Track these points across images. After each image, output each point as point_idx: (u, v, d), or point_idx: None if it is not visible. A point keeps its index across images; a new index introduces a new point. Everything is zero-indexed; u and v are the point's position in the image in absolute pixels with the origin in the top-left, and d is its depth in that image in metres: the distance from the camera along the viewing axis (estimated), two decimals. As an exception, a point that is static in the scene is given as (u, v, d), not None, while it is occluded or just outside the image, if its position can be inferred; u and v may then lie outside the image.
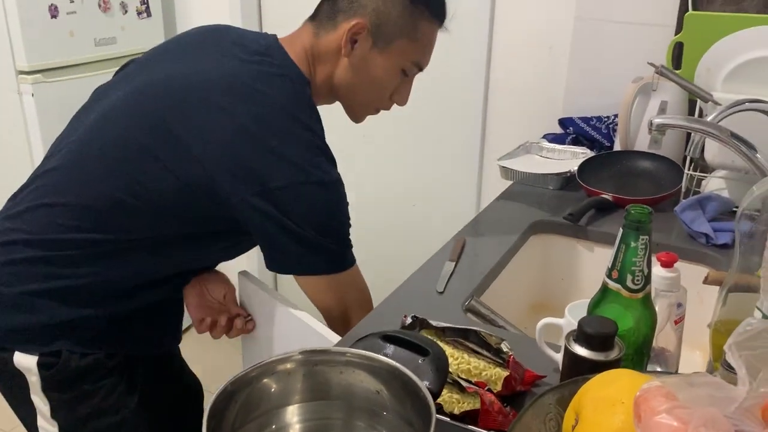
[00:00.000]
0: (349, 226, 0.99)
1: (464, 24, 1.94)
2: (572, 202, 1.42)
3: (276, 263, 0.95)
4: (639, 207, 0.70)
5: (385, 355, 0.62)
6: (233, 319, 1.09)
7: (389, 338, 0.64)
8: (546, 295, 1.39)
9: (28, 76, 1.92)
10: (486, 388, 0.74)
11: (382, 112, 1.12)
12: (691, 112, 1.58)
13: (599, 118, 1.73)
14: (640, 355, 0.73)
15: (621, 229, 0.71)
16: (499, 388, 0.75)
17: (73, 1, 1.97)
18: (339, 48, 0.99)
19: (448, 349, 0.76)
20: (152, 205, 0.91)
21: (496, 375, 0.76)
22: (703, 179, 1.46)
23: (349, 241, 1.00)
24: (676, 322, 0.82)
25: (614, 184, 1.46)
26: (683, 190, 1.42)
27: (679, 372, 0.85)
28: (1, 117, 2.01)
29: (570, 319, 0.84)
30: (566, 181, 1.53)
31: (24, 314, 0.96)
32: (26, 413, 1.02)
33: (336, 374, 0.62)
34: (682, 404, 0.46)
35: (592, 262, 1.35)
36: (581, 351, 0.67)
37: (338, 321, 1.01)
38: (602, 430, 0.53)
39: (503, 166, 1.56)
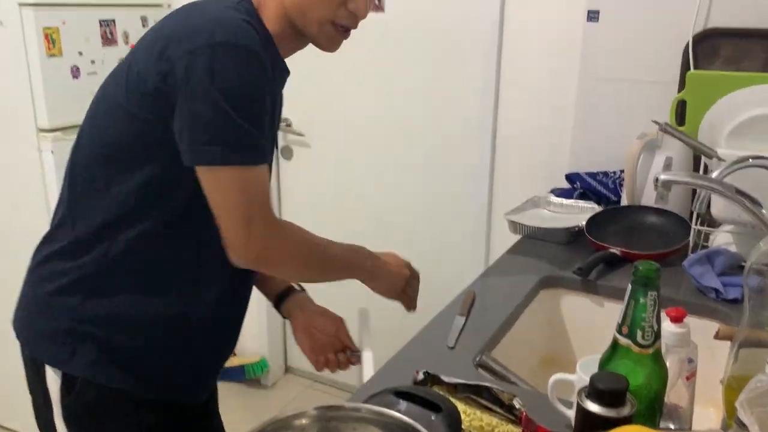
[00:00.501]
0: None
1: (471, 81, 2.00)
2: (581, 257, 1.43)
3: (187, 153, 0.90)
4: (647, 263, 0.71)
5: (398, 411, 0.63)
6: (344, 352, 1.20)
7: (402, 394, 0.65)
8: (556, 350, 1.38)
9: (48, 134, 1.97)
10: None
11: (385, 172, 1.21)
12: (696, 167, 1.61)
13: (605, 173, 1.76)
14: (652, 411, 0.73)
15: (630, 285, 0.72)
16: None
17: (93, 62, 2.04)
18: None
19: (461, 406, 0.76)
20: (127, 152, 0.95)
21: (506, 429, 0.76)
22: (710, 233, 1.48)
23: (254, 136, 0.91)
24: (687, 378, 0.82)
25: (622, 239, 1.47)
26: (691, 244, 1.44)
27: (692, 429, 0.85)
28: (21, 173, 2.06)
29: (582, 375, 0.84)
30: (575, 235, 1.54)
31: (45, 317, 1.00)
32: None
33: (349, 430, 0.63)
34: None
35: (601, 317, 1.35)
36: (593, 407, 0.67)
37: (240, 225, 0.92)
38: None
39: (512, 221, 1.58)
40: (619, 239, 1.47)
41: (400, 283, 1.14)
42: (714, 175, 1.07)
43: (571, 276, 1.36)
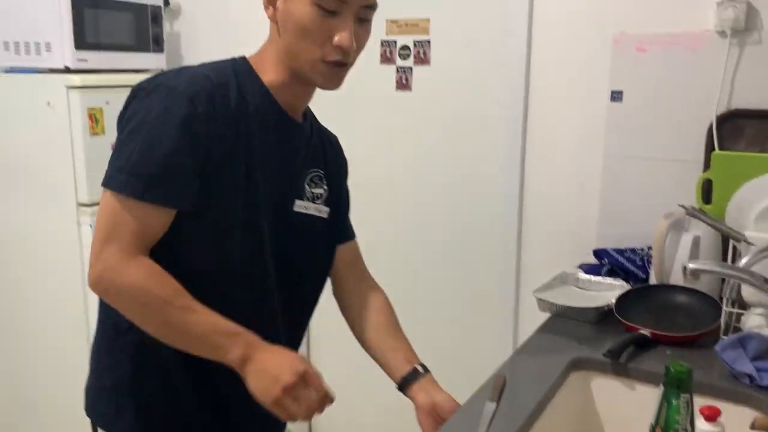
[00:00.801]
0: (162, 159, 0.95)
1: (496, 159, 2.04)
2: (611, 337, 1.43)
3: None
4: (678, 365, 0.72)
5: None
6: None
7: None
8: (589, 436, 1.36)
9: (87, 208, 2.05)
10: None
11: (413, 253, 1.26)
12: (725, 247, 1.61)
13: (633, 250, 1.77)
14: None
15: (662, 386, 0.73)
16: None
17: (133, 140, 2.13)
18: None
19: None
20: None
21: None
22: (742, 314, 1.47)
23: (144, 169, 0.95)
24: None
25: (652, 318, 1.47)
26: (722, 326, 1.42)
27: None
28: (59, 244, 2.13)
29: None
30: (604, 314, 1.54)
31: (91, 377, 1.14)
32: None
33: None
34: None
35: (633, 401, 1.33)
36: None
37: (96, 244, 0.97)
38: None
39: (540, 299, 1.59)
40: (649, 319, 1.46)
41: (272, 391, 0.93)
42: (742, 262, 1.08)
43: (601, 358, 1.36)
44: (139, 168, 0.94)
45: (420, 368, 1.17)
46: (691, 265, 1.04)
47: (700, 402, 1.28)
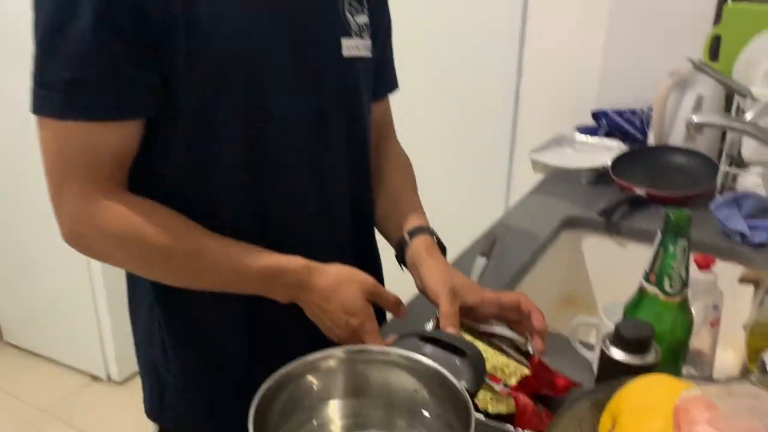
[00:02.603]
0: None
1: (496, 17, 1.93)
2: (605, 197, 1.42)
3: None
4: (679, 212, 0.70)
5: (423, 354, 0.63)
6: None
7: (427, 338, 0.65)
8: (577, 292, 1.39)
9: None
10: (502, 383, 0.74)
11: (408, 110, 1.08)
12: (728, 106, 1.56)
13: (633, 112, 1.72)
14: (676, 358, 0.74)
15: (659, 233, 0.71)
16: (513, 382, 0.75)
17: None
18: None
19: (480, 346, 0.77)
20: None
21: (514, 368, 0.76)
22: (738, 175, 1.45)
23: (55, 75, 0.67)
24: (712, 325, 0.82)
25: (648, 179, 1.45)
26: (719, 186, 1.41)
27: (713, 374, 0.85)
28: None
29: (605, 320, 0.84)
30: (599, 175, 1.52)
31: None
32: None
33: (375, 372, 0.63)
34: (722, 415, 0.47)
35: (624, 259, 1.34)
36: (617, 354, 0.68)
37: (52, 194, 0.73)
38: (640, 436, 0.54)
39: (535, 160, 1.56)
40: (644, 180, 1.44)
41: (330, 335, 0.78)
42: (748, 117, 1.04)
43: (594, 217, 1.35)
44: (55, 78, 0.67)
45: (407, 236, 0.89)
46: (695, 119, 1.00)
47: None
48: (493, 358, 0.77)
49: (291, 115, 0.79)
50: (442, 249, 0.89)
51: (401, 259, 0.89)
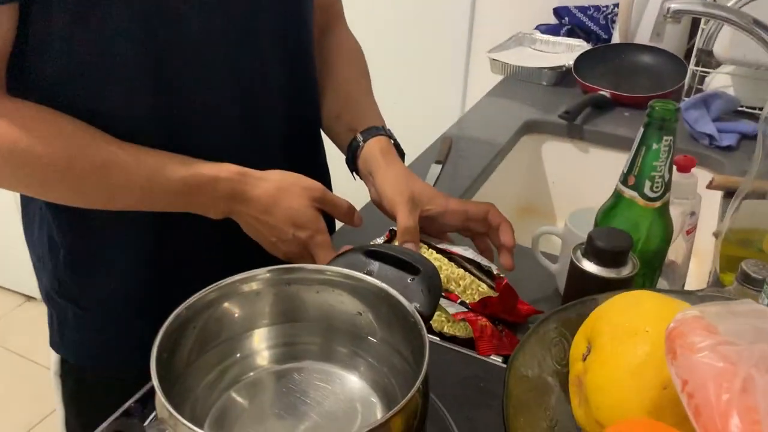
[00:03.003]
0: None
1: None
2: (567, 99, 1.32)
3: None
4: (664, 102, 0.60)
5: (369, 273, 0.54)
6: None
7: (374, 254, 0.55)
8: (536, 200, 1.31)
9: None
10: (458, 301, 0.66)
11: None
12: (698, 2, 1.45)
13: (597, 8, 1.60)
14: (652, 270, 0.66)
15: (642, 129, 0.61)
16: (470, 299, 0.67)
17: None
18: None
19: (435, 260, 0.68)
20: None
21: (470, 281, 0.68)
22: (706, 76, 1.36)
23: None
24: (687, 233, 0.75)
25: (612, 80, 1.35)
26: (686, 86, 1.32)
27: (684, 287, 0.79)
28: None
29: (571, 228, 0.76)
30: (561, 76, 1.41)
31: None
32: None
33: (312, 294, 0.53)
34: (726, 340, 0.39)
35: (586, 165, 1.26)
36: (590, 267, 0.59)
37: None
38: (622, 363, 0.46)
39: (494, 59, 1.44)
40: (609, 81, 1.35)
41: (275, 251, 0.69)
42: (730, 3, 0.94)
43: (555, 120, 1.26)
44: None
45: (360, 138, 0.77)
46: (673, 5, 0.89)
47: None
48: (447, 268, 0.68)
49: None
50: (400, 153, 0.78)
51: (353, 165, 0.78)
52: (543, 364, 0.53)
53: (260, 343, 0.52)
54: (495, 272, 0.68)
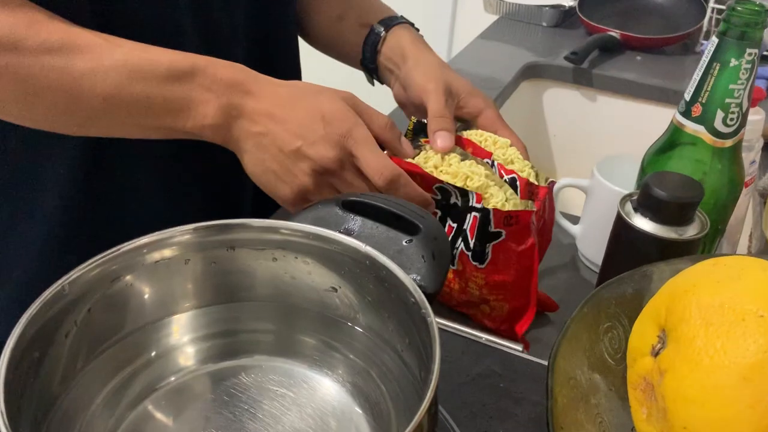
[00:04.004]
0: None
1: None
2: (570, 42, 1.16)
3: None
4: (750, 4, 0.44)
5: (348, 232, 0.38)
6: None
7: (354, 206, 0.39)
8: (539, 153, 1.15)
9: None
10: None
11: None
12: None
13: (601, -57, 1.43)
14: (714, 229, 0.51)
15: (715, 40, 0.46)
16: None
17: None
18: None
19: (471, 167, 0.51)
20: None
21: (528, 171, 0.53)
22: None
23: None
24: (746, 185, 0.60)
25: (620, 21, 1.19)
26: (704, 28, 1.17)
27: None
28: None
29: (600, 179, 0.60)
30: (563, 16, 1.25)
31: None
32: None
33: (266, 262, 0.37)
34: None
35: (594, 114, 1.11)
36: (645, 224, 0.44)
37: None
38: (726, 362, 0.31)
39: (488, -5, 1.27)
40: (617, 22, 1.19)
41: (291, 182, 0.47)
42: None
43: (558, 64, 1.10)
44: None
45: (380, 28, 0.64)
46: None
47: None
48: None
49: None
50: None
51: (372, 63, 0.64)
52: (592, 359, 0.38)
53: (185, 334, 0.36)
54: (532, 179, 0.52)
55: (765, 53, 1.11)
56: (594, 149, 1.09)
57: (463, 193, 0.48)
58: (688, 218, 0.44)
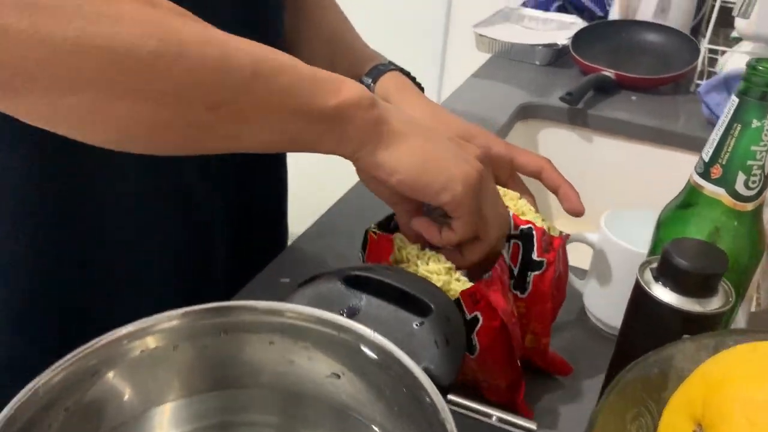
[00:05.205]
0: None
1: None
2: (565, 81, 1.16)
3: None
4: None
5: (353, 312, 0.34)
6: None
7: (359, 281, 0.36)
8: (536, 197, 1.13)
9: None
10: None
11: None
12: (706, -26, 1.30)
13: (592, -19, 1.43)
14: (735, 297, 0.48)
15: (735, 99, 0.43)
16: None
17: None
18: None
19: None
20: None
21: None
22: (716, 56, 1.21)
23: None
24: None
25: (614, 60, 1.18)
26: (699, 67, 1.16)
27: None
28: None
29: (609, 235, 0.58)
30: (556, 55, 1.24)
31: None
32: None
33: (262, 347, 0.34)
34: None
35: (590, 155, 1.09)
36: (666, 296, 0.41)
37: None
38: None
39: (481, 35, 1.25)
40: (610, 61, 1.18)
41: (462, 156, 0.44)
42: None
43: (554, 104, 1.08)
44: None
45: (367, 79, 0.62)
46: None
47: (680, 157, 1.06)
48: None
49: None
50: (419, 89, 0.63)
51: None
52: (620, 453, 0.35)
53: (174, 428, 0.33)
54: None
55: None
56: (592, 193, 1.06)
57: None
58: (712, 289, 0.41)
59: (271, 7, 0.61)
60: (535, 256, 0.47)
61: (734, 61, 1.17)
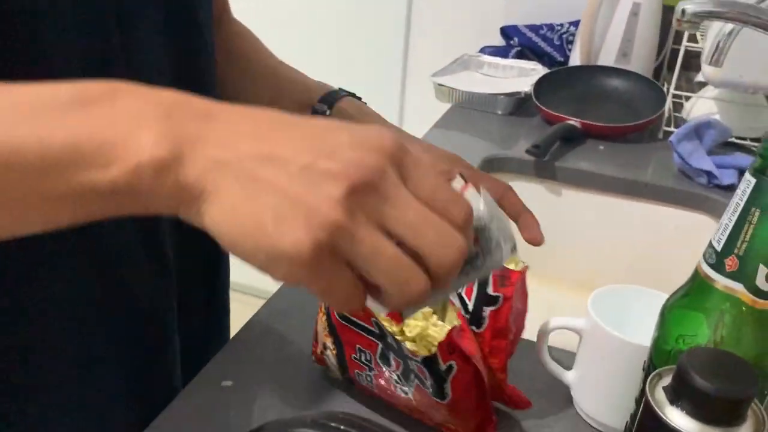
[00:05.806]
0: None
1: None
2: (528, 131, 1.11)
3: None
4: (787, 136, 0.36)
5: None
6: None
7: (325, 429, 0.27)
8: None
9: None
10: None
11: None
12: (665, 19, 1.28)
13: (551, 27, 1.40)
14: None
15: (749, 179, 0.37)
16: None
17: None
18: None
19: None
20: None
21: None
22: (681, 101, 1.18)
23: None
24: None
25: (578, 108, 1.14)
26: (666, 114, 1.13)
27: None
28: None
29: (598, 322, 0.50)
30: (518, 103, 1.19)
31: None
32: None
33: None
34: None
35: (559, 209, 1.03)
36: (685, 423, 0.34)
37: None
38: None
39: (441, 85, 1.20)
40: (574, 109, 1.13)
41: (301, 209, 0.27)
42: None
43: (519, 157, 1.02)
44: None
45: (320, 106, 0.60)
46: (689, 7, 0.67)
47: (652, 210, 1.01)
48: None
49: None
50: None
51: None
52: None
53: None
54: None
55: (732, 140, 1.06)
56: (561, 248, 1.01)
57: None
58: (741, 417, 0.34)
59: (205, 57, 0.55)
60: (490, 291, 0.46)
61: (699, 107, 1.14)
